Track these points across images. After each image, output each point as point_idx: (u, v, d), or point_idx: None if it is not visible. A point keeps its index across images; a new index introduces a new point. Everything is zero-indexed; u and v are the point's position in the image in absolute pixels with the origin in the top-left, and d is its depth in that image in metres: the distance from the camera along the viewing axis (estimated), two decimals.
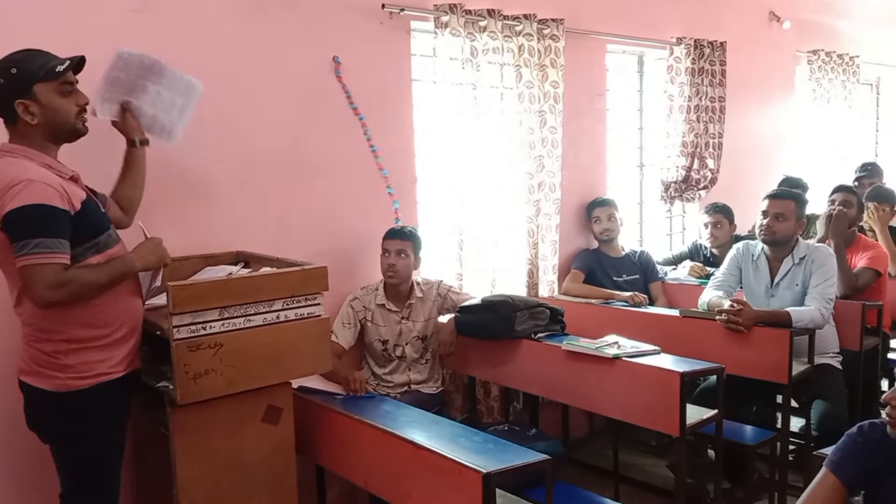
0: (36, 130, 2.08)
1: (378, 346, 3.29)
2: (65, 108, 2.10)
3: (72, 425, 2.16)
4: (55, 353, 2.11)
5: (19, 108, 2.04)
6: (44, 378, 2.13)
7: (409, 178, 3.58)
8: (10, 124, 2.09)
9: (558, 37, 3.85)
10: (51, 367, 2.12)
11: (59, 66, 2.06)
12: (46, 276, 1.96)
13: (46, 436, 2.23)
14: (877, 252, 3.86)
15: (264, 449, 2.47)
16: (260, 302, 2.37)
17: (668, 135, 4.77)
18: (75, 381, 2.12)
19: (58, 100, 2.08)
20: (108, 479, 2.25)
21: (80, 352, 2.13)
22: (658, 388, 2.79)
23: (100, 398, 2.17)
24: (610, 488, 3.55)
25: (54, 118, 2.08)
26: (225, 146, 2.95)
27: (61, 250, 1.99)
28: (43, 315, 2.08)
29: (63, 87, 2.09)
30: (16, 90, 2.03)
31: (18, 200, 1.95)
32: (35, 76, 2.04)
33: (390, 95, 3.45)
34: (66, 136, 2.15)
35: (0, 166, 2.04)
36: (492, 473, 2.09)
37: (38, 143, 2.09)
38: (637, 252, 4.26)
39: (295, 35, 3.11)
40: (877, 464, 1.84)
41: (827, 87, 6.14)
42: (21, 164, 2.03)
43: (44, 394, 2.13)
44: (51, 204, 1.98)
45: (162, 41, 2.74)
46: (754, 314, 3.20)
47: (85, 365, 2.13)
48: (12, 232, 1.98)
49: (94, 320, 2.14)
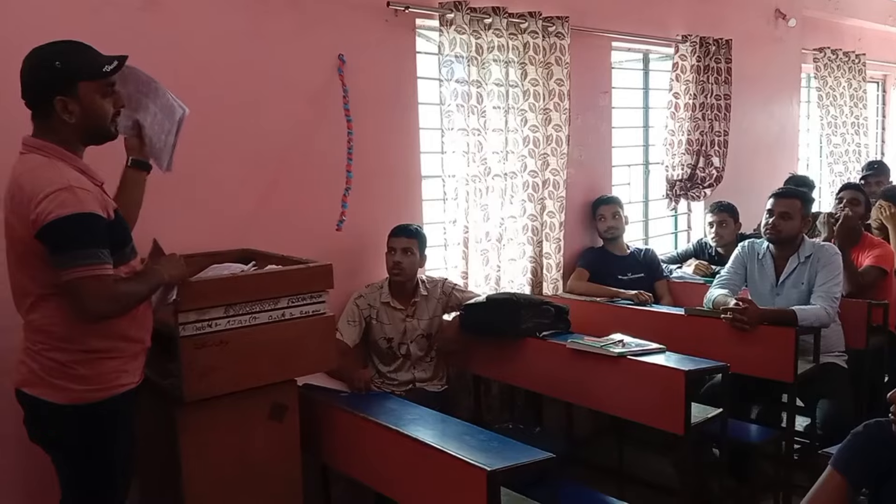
0: (69, 129, 1.95)
1: (383, 344, 3.29)
2: (105, 111, 1.99)
3: (81, 438, 2.02)
4: (71, 363, 1.98)
5: (59, 104, 1.91)
6: (55, 390, 1.98)
7: (415, 175, 3.58)
8: (41, 119, 1.95)
9: (563, 34, 3.85)
10: (64, 378, 1.98)
11: (106, 65, 1.95)
12: (102, 289, 1.89)
13: (52, 449, 2.10)
14: (883, 250, 3.85)
15: (270, 446, 2.48)
16: (265, 300, 2.38)
17: (673, 133, 4.76)
18: (92, 394, 2.00)
19: (99, 100, 1.97)
20: (116, 492, 2.14)
21: (97, 362, 2.01)
22: (663, 386, 2.79)
23: (116, 410, 2.06)
24: (615, 487, 3.54)
25: (93, 120, 1.97)
26: (230, 143, 2.95)
27: (107, 261, 1.91)
28: (62, 324, 1.96)
29: (106, 88, 1.99)
30: (58, 85, 1.91)
31: (62, 209, 1.83)
32: (80, 73, 1.92)
33: (396, 93, 3.45)
34: (98, 138, 2.03)
35: (32, 164, 1.92)
36: (496, 471, 2.08)
37: (69, 142, 1.96)
38: (642, 250, 4.25)
39: (300, 33, 3.11)
40: (882, 463, 1.83)
41: (833, 84, 6.12)
42: (57, 167, 1.91)
43: (52, 407, 1.99)
44: (95, 212, 1.88)
45: (167, 39, 2.76)
46: (759, 313, 3.19)
47: (102, 376, 2.02)
48: (55, 242, 1.86)
49: (114, 331, 2.04)
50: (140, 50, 2.64)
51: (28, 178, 1.90)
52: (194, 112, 2.83)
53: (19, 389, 2.05)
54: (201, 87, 2.87)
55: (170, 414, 2.35)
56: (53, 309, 1.97)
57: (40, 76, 1.91)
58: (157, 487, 2.65)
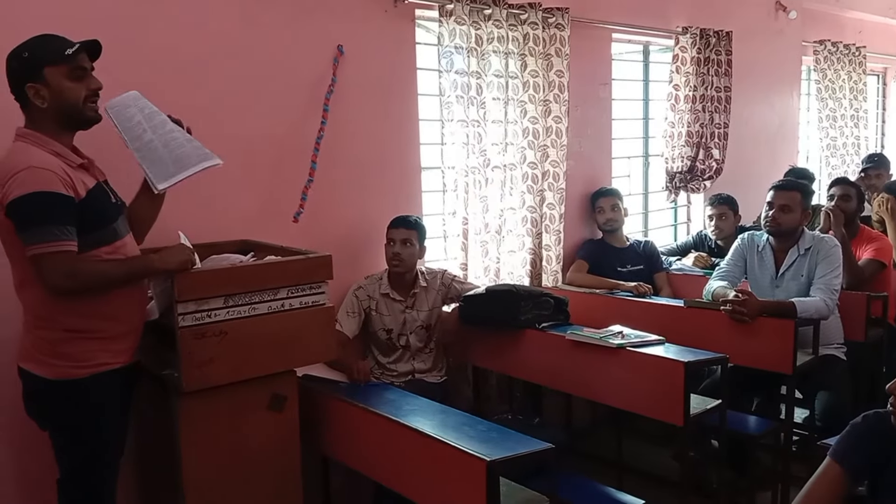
0: (46, 115, 2.07)
1: (382, 336, 3.29)
2: (74, 93, 2.07)
3: (68, 414, 2.15)
4: (55, 342, 2.11)
5: (30, 91, 2.04)
6: (43, 365, 2.12)
7: (415, 167, 3.58)
8: (24, 110, 2.10)
9: (563, 26, 3.84)
10: (51, 355, 2.11)
11: (68, 48, 2.05)
12: (57, 264, 1.97)
13: (44, 423, 2.23)
14: (882, 244, 3.86)
15: (269, 436, 2.48)
16: (264, 290, 2.37)
17: (673, 125, 4.75)
18: (74, 370, 2.12)
19: (66, 83, 2.06)
20: (104, 468, 2.23)
21: (79, 341, 2.12)
22: (662, 377, 2.79)
23: (98, 388, 2.15)
24: (614, 478, 3.55)
25: (61, 102, 2.06)
26: (229, 134, 2.94)
27: (68, 237, 1.99)
28: (44, 302, 2.07)
29: (74, 71, 2.07)
30: (27, 73, 2.04)
31: (22, 188, 1.95)
32: (45, 59, 2.04)
33: (395, 84, 3.44)
34: (76, 121, 2.13)
35: (8, 151, 2.06)
36: (496, 462, 2.09)
37: (50, 128, 2.08)
38: (641, 242, 4.25)
39: (299, 23, 3.10)
40: (881, 454, 1.84)
41: (833, 77, 6.11)
42: (27, 151, 2.03)
43: (43, 381, 2.12)
44: (53, 190, 1.98)
45: (164, 28, 2.74)
46: (759, 304, 3.19)
47: (83, 354, 2.13)
48: (17, 220, 1.98)
49: (95, 312, 2.13)
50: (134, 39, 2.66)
51: (2, 165, 2.03)
52: (192, 102, 2.84)
53: (19, 364, 2.18)
54: (199, 77, 2.87)
55: (169, 404, 2.35)
56: (37, 288, 2.06)
57: (12, 67, 2.07)
58: (157, 477, 2.66)
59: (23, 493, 2.59)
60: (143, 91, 2.33)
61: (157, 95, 2.38)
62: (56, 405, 2.15)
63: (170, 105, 2.40)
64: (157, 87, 2.56)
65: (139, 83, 2.32)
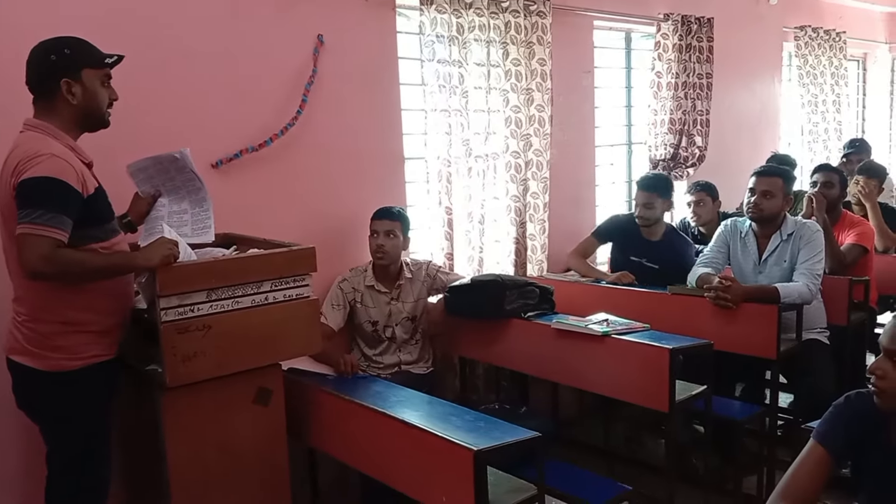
0: (70, 111, 2.14)
1: (368, 328, 3.28)
2: (102, 97, 2.20)
3: (61, 405, 2.17)
4: (49, 335, 2.13)
5: (64, 86, 2.11)
6: (36, 358, 2.14)
7: (397, 157, 3.56)
8: (44, 100, 2.14)
9: (545, 13, 3.82)
10: (44, 348, 2.14)
11: (108, 58, 2.19)
12: (39, 247, 1.97)
13: (35, 415, 2.25)
14: (863, 229, 3.89)
15: (255, 431, 2.47)
16: (248, 283, 2.36)
17: (655, 112, 4.76)
18: (67, 362, 2.15)
19: (99, 87, 2.18)
20: (95, 460, 2.25)
21: (74, 334, 2.15)
22: (647, 364, 2.80)
23: (90, 379, 2.19)
24: (601, 466, 3.57)
25: (91, 103, 2.17)
26: (209, 126, 2.92)
27: (61, 227, 2.01)
28: (46, 293, 2.10)
29: (105, 77, 2.20)
30: (66, 68, 2.12)
31: (37, 171, 1.99)
32: (86, 61, 2.15)
33: (376, 74, 3.42)
34: (93, 123, 2.22)
35: (24, 139, 2.10)
36: (483, 451, 2.09)
37: (67, 124, 2.15)
38: (680, 244, 3.86)
39: (279, 13, 3.07)
40: (863, 433, 1.85)
41: (814, 63, 6.14)
42: (46, 141, 2.08)
43: (35, 373, 2.15)
44: (66, 181, 2.02)
45: (146, 17, 2.72)
46: (742, 290, 3.20)
47: (77, 346, 2.16)
48: (21, 198, 2.00)
49: (92, 304, 2.17)
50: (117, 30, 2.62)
51: (17, 151, 2.07)
52: (174, 92, 2.82)
53: (8, 357, 2.21)
54: (180, 69, 2.84)
55: (153, 400, 2.33)
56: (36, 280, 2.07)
57: (50, 60, 2.12)
58: (143, 474, 2.64)
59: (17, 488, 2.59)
60: (125, 81, 2.32)
61: (137, 86, 2.39)
62: (48, 397, 2.17)
63: (151, 96, 2.38)
64: (137, 77, 2.55)
65: (122, 73, 2.29)
